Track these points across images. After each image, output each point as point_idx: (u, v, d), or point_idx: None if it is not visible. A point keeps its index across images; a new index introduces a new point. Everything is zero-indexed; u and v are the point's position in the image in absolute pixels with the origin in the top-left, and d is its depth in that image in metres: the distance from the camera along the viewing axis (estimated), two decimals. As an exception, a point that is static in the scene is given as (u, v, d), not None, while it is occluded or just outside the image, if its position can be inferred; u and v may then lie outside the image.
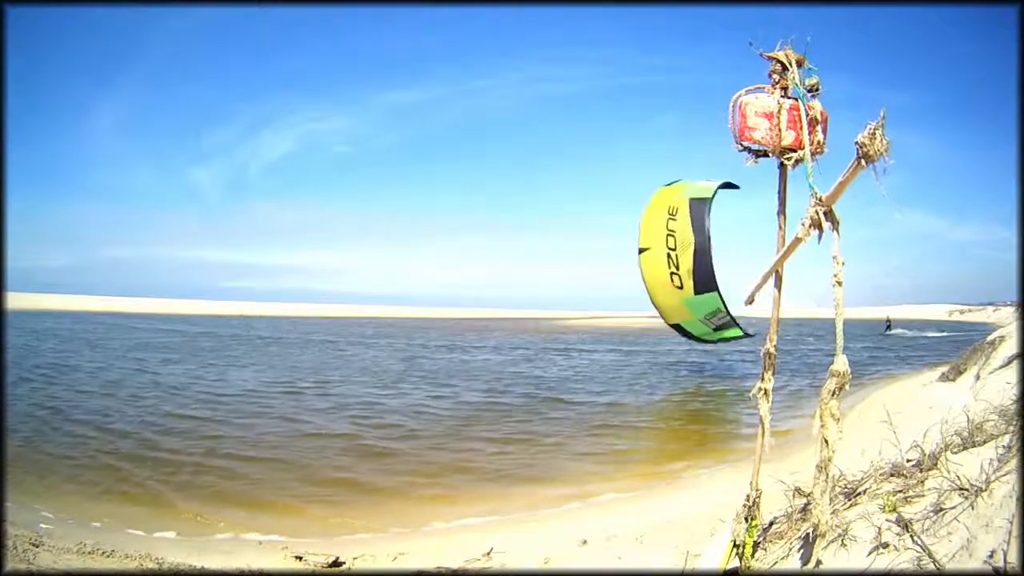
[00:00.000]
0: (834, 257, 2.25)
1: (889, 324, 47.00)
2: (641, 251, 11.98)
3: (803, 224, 2.31)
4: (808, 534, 2.86)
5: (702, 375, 17.74)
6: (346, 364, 19.68)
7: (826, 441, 2.32)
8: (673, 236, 10.45)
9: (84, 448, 8.29)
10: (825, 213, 2.25)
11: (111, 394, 12.56)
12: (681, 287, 10.47)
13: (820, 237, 2.30)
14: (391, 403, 12.06)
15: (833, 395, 2.30)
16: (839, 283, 2.25)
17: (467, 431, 9.72)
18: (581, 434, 9.56)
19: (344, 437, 9.20)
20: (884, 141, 1.95)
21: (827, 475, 2.35)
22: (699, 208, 10.78)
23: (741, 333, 13.30)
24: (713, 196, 11.11)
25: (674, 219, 10.57)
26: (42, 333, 31.02)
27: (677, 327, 13.29)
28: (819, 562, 2.52)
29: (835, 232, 2.27)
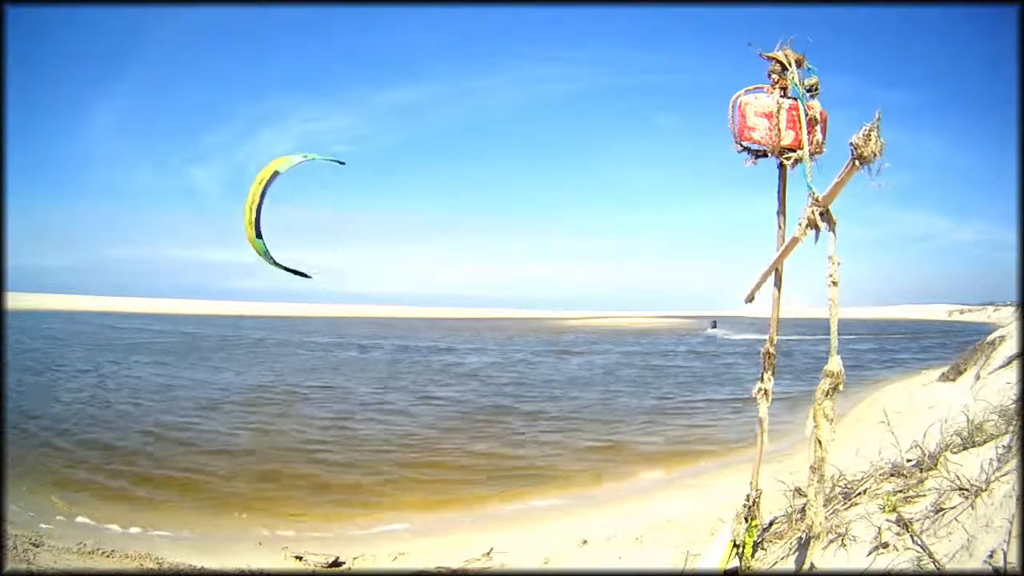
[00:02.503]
0: (830, 257, 2.24)
1: (714, 323, 53.69)
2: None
3: (800, 224, 2.30)
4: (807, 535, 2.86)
5: (703, 383, 17.72)
6: (334, 368, 19.57)
7: (819, 442, 2.30)
8: (253, 196, 13.37)
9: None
10: (821, 213, 2.24)
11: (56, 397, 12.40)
12: (252, 228, 13.36)
13: (817, 237, 2.29)
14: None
15: (827, 396, 2.27)
16: (834, 283, 2.24)
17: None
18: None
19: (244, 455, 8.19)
20: (878, 142, 1.94)
21: (821, 476, 2.34)
22: (275, 177, 13.86)
23: (286, 268, 17.03)
24: (287, 168, 14.43)
25: (260, 184, 13.53)
26: (17, 331, 30.80)
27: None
28: (812, 565, 2.51)
29: (831, 232, 2.26)
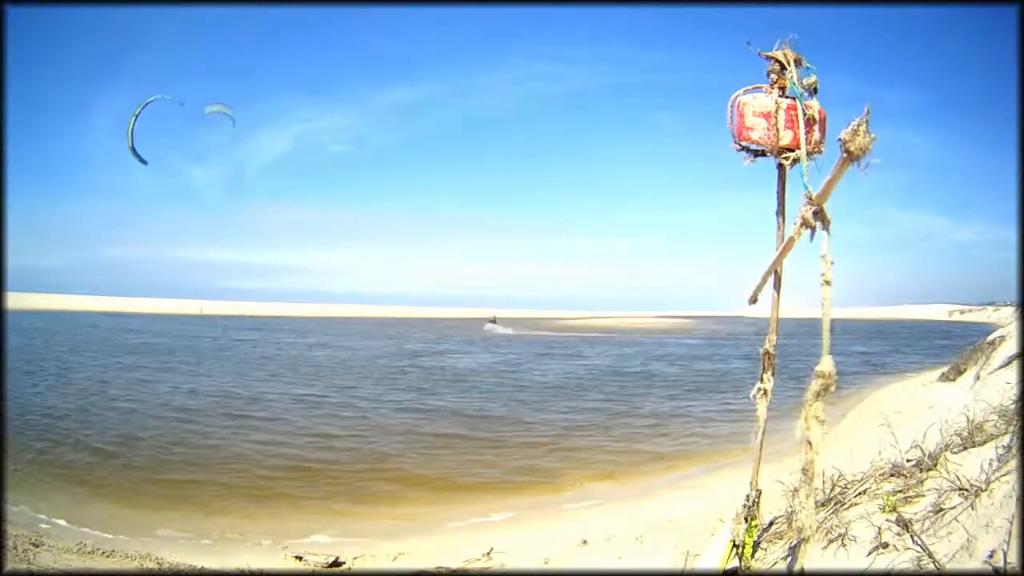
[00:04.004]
0: (823, 256, 2.24)
1: (493, 319, 65.25)
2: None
3: (795, 223, 2.30)
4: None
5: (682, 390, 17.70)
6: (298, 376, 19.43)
7: (810, 443, 2.29)
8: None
9: None
10: (815, 212, 2.24)
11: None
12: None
13: (812, 236, 2.29)
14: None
15: (818, 396, 2.26)
16: (827, 282, 2.22)
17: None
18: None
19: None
20: (867, 137, 1.93)
21: (811, 478, 2.33)
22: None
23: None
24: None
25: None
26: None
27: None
28: (810, 566, 2.51)
29: (826, 231, 2.25)
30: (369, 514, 6.27)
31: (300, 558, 4.94)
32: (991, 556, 2.00)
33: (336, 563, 4.88)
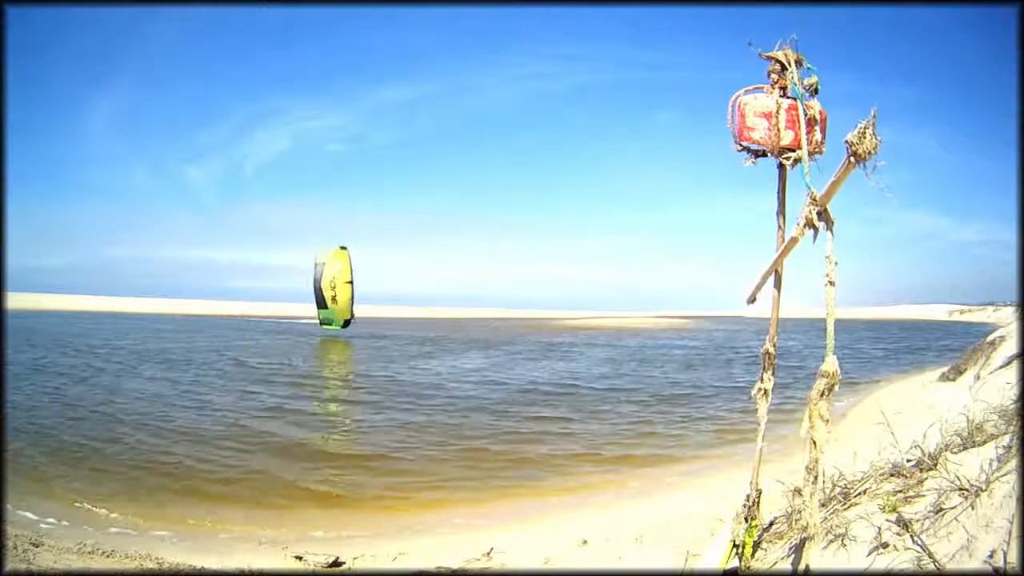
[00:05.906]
0: (827, 257, 2.24)
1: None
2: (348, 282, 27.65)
3: (798, 223, 2.31)
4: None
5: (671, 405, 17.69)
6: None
7: (814, 442, 2.30)
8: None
9: None
10: (819, 213, 2.24)
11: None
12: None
13: (815, 236, 2.29)
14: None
15: (823, 396, 2.27)
16: (831, 283, 2.23)
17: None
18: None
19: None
20: (874, 140, 1.94)
21: (815, 477, 2.34)
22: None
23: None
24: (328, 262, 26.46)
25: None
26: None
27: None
28: (811, 565, 2.51)
29: (829, 232, 2.26)
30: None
31: (300, 558, 4.94)
32: (991, 556, 2.00)
33: (336, 563, 4.87)
